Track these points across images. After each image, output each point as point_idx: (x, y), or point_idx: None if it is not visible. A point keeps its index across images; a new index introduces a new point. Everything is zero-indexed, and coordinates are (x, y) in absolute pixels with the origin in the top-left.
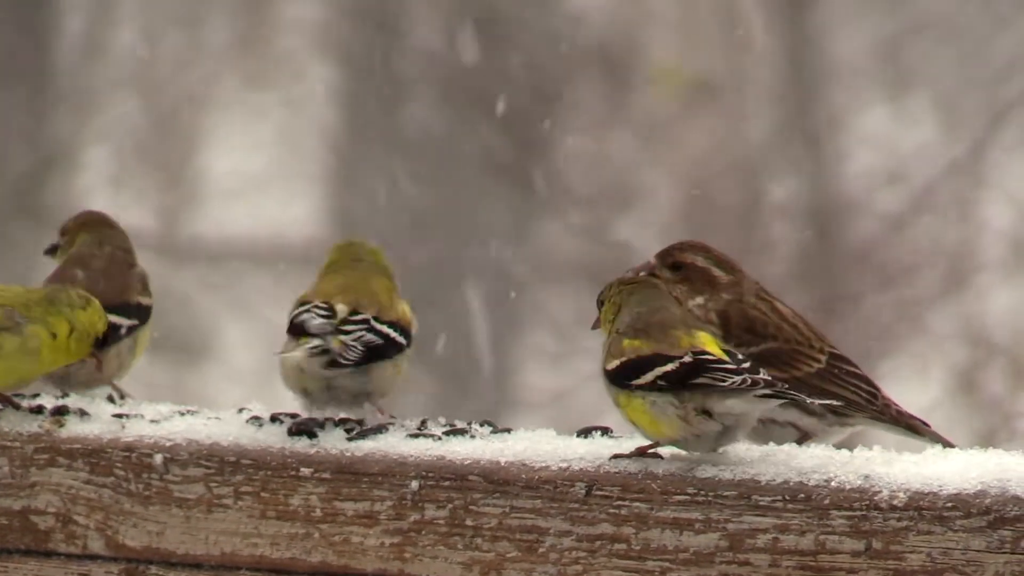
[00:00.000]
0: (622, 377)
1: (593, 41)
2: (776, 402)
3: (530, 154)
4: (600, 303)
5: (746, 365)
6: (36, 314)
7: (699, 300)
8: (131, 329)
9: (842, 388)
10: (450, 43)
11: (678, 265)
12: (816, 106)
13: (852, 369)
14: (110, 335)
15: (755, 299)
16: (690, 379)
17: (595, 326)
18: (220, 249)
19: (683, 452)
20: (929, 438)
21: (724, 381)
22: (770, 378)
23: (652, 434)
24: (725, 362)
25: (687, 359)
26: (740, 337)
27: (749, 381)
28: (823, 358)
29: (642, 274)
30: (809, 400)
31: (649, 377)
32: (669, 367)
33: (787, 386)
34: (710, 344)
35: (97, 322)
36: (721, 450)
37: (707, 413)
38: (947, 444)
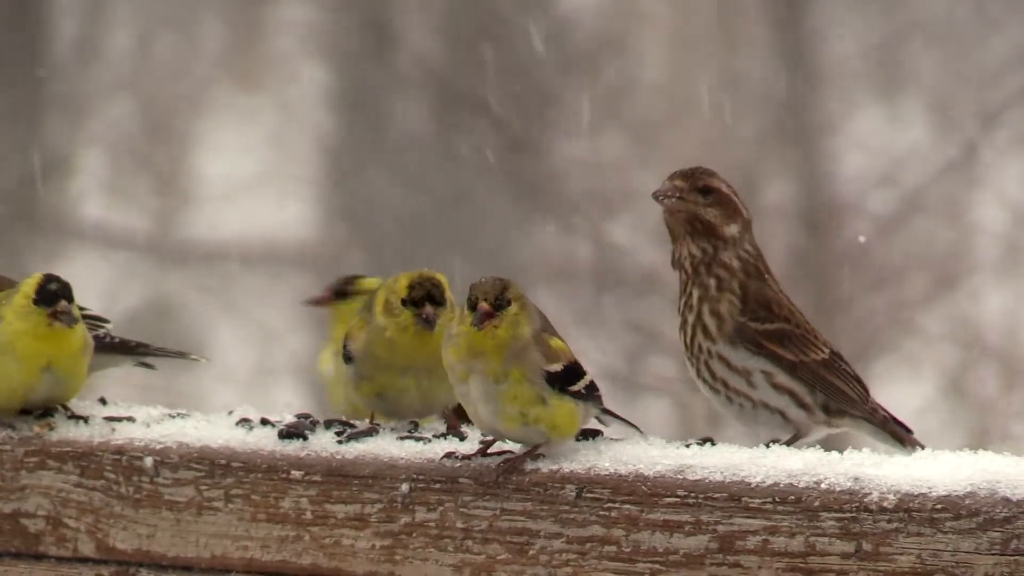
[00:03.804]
0: (563, 381)
1: (586, 43)
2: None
3: (523, 156)
4: (499, 302)
5: None
6: None
7: (733, 230)
8: None
9: (842, 383)
10: (442, 45)
11: (709, 189)
12: (809, 108)
13: (847, 368)
14: None
15: (768, 276)
16: (594, 391)
17: (483, 323)
18: (213, 251)
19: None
20: (909, 448)
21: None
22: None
23: (563, 434)
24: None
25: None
26: (756, 312)
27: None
28: (827, 350)
29: (670, 196)
30: (612, 418)
31: (581, 384)
32: (589, 378)
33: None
34: None
35: None
36: None
37: None
38: None
